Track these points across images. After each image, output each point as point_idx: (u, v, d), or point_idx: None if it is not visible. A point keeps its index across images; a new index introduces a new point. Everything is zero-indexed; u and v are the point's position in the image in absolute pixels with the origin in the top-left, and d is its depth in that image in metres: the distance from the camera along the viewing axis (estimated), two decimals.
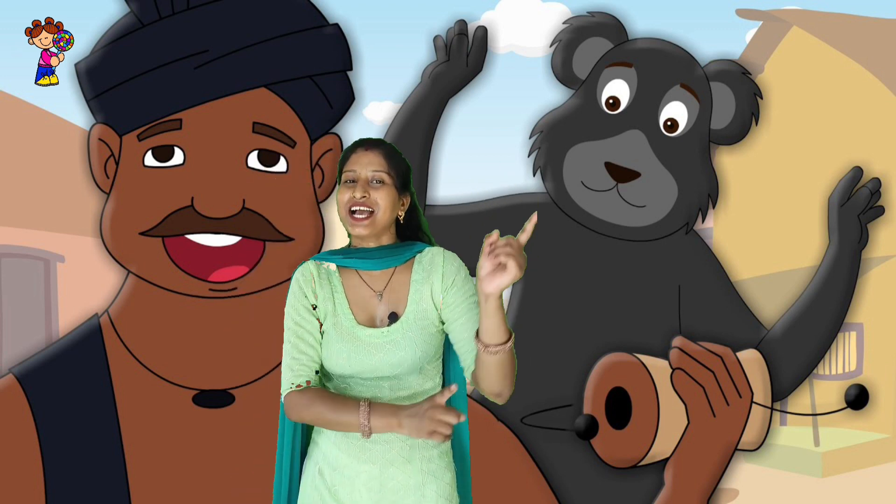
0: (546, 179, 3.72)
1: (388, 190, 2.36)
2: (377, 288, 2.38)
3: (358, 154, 2.39)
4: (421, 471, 2.35)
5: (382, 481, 2.34)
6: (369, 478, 2.33)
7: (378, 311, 2.37)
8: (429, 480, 2.35)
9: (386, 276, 2.39)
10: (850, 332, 8.99)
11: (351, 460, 2.34)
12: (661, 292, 3.71)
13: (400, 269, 2.40)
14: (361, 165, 2.36)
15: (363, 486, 2.34)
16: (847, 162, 3.76)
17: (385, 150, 2.40)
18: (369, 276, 2.39)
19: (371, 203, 2.34)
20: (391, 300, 2.38)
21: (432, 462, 2.36)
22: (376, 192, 2.35)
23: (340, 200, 2.36)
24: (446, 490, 2.38)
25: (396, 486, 2.34)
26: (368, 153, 2.38)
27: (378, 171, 2.36)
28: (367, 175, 2.36)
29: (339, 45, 3.33)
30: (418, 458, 2.35)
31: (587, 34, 3.73)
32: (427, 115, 3.64)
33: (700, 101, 3.69)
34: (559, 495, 3.49)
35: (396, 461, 2.34)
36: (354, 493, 2.34)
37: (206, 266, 3.15)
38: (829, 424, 8.31)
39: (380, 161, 2.37)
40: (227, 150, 3.18)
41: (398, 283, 2.38)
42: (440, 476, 2.37)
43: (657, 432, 3.39)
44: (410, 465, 2.34)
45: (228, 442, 3.17)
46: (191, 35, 3.17)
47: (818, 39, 9.48)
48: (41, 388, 3.19)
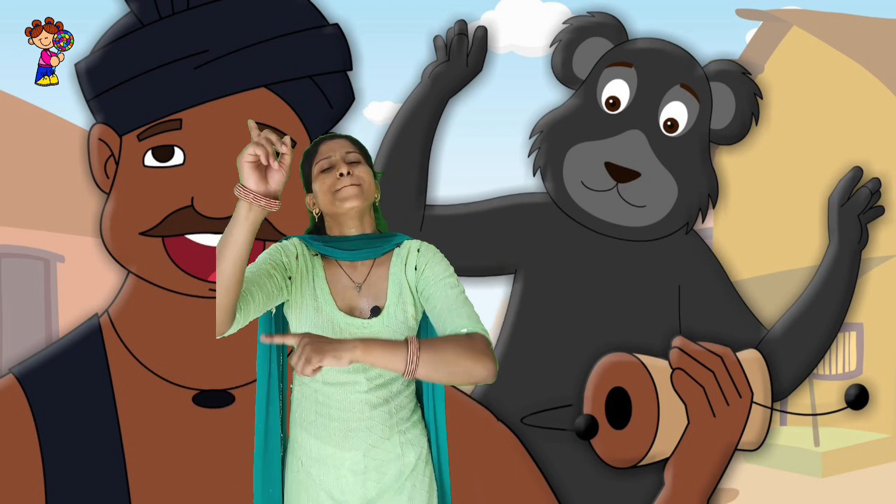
0: (546, 179, 3.72)
1: (365, 167, 2.41)
2: (357, 280, 2.40)
3: (326, 144, 2.44)
4: (399, 443, 2.40)
5: (366, 462, 2.37)
6: (353, 462, 2.37)
7: (359, 304, 2.39)
8: (407, 449, 2.40)
9: (366, 268, 2.41)
10: (850, 332, 9.00)
11: (335, 450, 2.37)
12: (661, 292, 3.71)
13: (379, 262, 2.42)
14: (334, 150, 2.41)
15: (348, 470, 2.37)
16: (847, 162, 3.76)
17: (349, 138, 2.47)
18: (350, 267, 2.41)
19: (356, 179, 2.37)
20: (371, 293, 2.39)
21: (408, 432, 2.41)
22: (356, 169, 2.38)
23: (323, 187, 2.38)
24: (424, 454, 2.44)
25: (378, 463, 2.37)
26: (335, 140, 2.44)
27: (350, 151, 2.42)
28: (342, 156, 2.40)
29: (339, 45, 3.33)
30: (396, 432, 2.39)
31: (587, 34, 3.73)
32: (427, 115, 3.64)
33: (700, 101, 3.69)
34: (559, 495, 3.49)
35: (378, 443, 2.38)
36: (340, 479, 2.37)
37: (206, 266, 3.15)
38: (829, 424, 8.32)
39: (349, 145, 2.43)
40: (227, 150, 3.17)
41: (377, 275, 2.40)
42: (417, 443, 2.42)
43: (657, 432, 3.39)
44: (389, 441, 2.38)
45: (228, 442, 3.17)
46: (191, 35, 3.16)
47: (818, 39, 9.49)
48: (41, 388, 3.19)
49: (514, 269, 3.72)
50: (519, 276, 3.71)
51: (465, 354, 2.20)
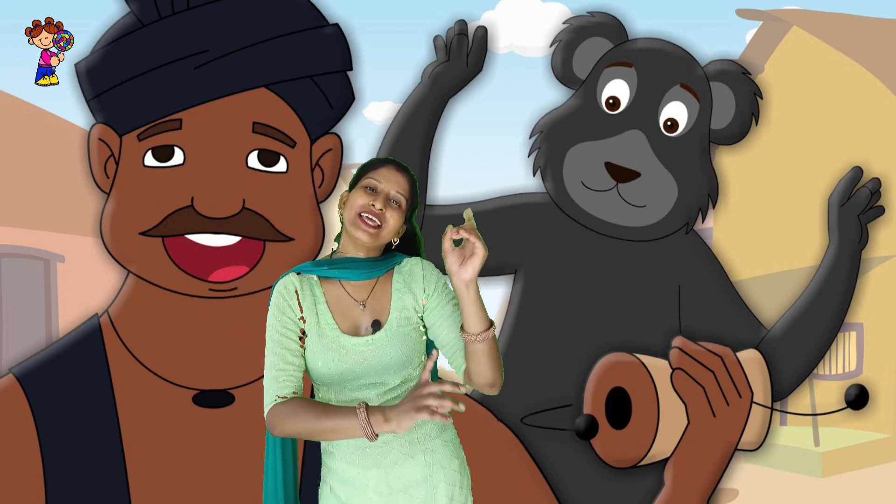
0: (546, 179, 3.72)
1: (399, 214, 2.44)
2: (360, 298, 2.43)
3: (388, 169, 2.46)
4: (426, 462, 2.38)
5: (389, 482, 2.36)
6: (377, 482, 2.37)
7: (362, 321, 2.42)
8: (436, 471, 2.38)
9: (368, 287, 2.44)
10: (850, 332, 9.00)
11: (358, 469, 2.37)
12: (661, 292, 3.71)
13: (381, 280, 2.46)
14: (388, 180, 2.44)
15: (372, 491, 2.37)
16: (847, 162, 3.76)
17: (412, 178, 2.48)
18: (352, 287, 2.44)
19: (383, 218, 2.41)
20: (374, 309, 2.43)
21: (436, 453, 2.39)
22: (390, 211, 2.42)
23: (354, 203, 2.42)
24: (455, 477, 2.41)
25: (404, 484, 2.37)
26: (398, 173, 2.46)
27: (400, 193, 2.44)
28: (389, 191, 2.43)
29: (339, 45, 3.33)
30: (420, 452, 2.38)
31: (587, 34, 3.73)
32: (427, 115, 3.64)
33: (700, 101, 3.69)
34: (559, 495, 3.49)
35: (399, 460, 2.36)
36: (366, 501, 2.37)
37: (206, 266, 3.15)
38: (829, 424, 8.32)
39: (405, 185, 2.45)
40: (227, 150, 3.18)
41: (380, 292, 2.44)
42: (447, 465, 2.40)
43: (657, 432, 3.39)
44: (413, 460, 2.37)
45: (228, 442, 3.17)
46: (191, 35, 3.17)
47: (818, 39, 9.49)
48: (41, 388, 3.19)
49: (514, 269, 3.72)
50: (519, 276, 3.72)
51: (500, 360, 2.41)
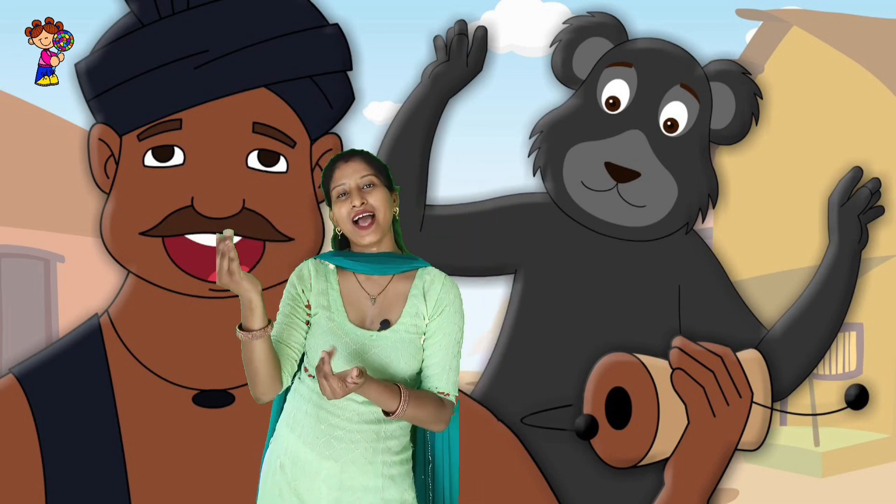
0: (546, 179, 3.72)
1: (380, 190, 2.42)
2: (372, 292, 2.43)
3: (340, 167, 2.44)
4: (382, 474, 2.39)
5: (342, 479, 2.37)
6: (329, 475, 2.37)
7: (370, 314, 2.42)
8: (388, 484, 2.40)
9: (383, 283, 2.43)
10: (850, 332, 8.99)
11: (314, 456, 2.37)
12: (661, 292, 3.71)
13: (398, 279, 2.44)
14: (348, 175, 2.42)
15: (323, 482, 2.37)
16: (847, 162, 3.77)
17: (364, 156, 2.46)
18: (366, 280, 2.43)
19: (370, 207, 2.40)
20: (384, 306, 2.42)
21: (393, 467, 2.41)
22: (371, 196, 2.41)
23: (339, 215, 2.42)
24: (406, 496, 2.43)
25: (356, 486, 2.37)
26: (350, 163, 2.44)
27: (365, 175, 2.42)
28: (356, 182, 2.42)
29: (339, 45, 3.33)
30: (380, 462, 2.39)
31: (587, 34, 3.73)
32: (427, 115, 3.64)
33: (700, 101, 3.69)
34: (559, 495, 3.50)
35: (358, 461, 2.37)
36: (314, 489, 2.37)
37: (206, 266, 3.15)
38: (829, 424, 8.31)
39: (363, 166, 2.43)
40: (227, 150, 3.18)
41: (394, 291, 2.43)
42: (400, 481, 2.42)
43: (657, 432, 3.39)
44: (372, 466, 2.38)
45: (228, 442, 3.17)
46: (191, 35, 3.17)
47: (818, 39, 9.48)
48: (41, 388, 3.20)
49: (514, 269, 3.72)
50: (519, 276, 3.72)
51: (435, 416, 2.39)
